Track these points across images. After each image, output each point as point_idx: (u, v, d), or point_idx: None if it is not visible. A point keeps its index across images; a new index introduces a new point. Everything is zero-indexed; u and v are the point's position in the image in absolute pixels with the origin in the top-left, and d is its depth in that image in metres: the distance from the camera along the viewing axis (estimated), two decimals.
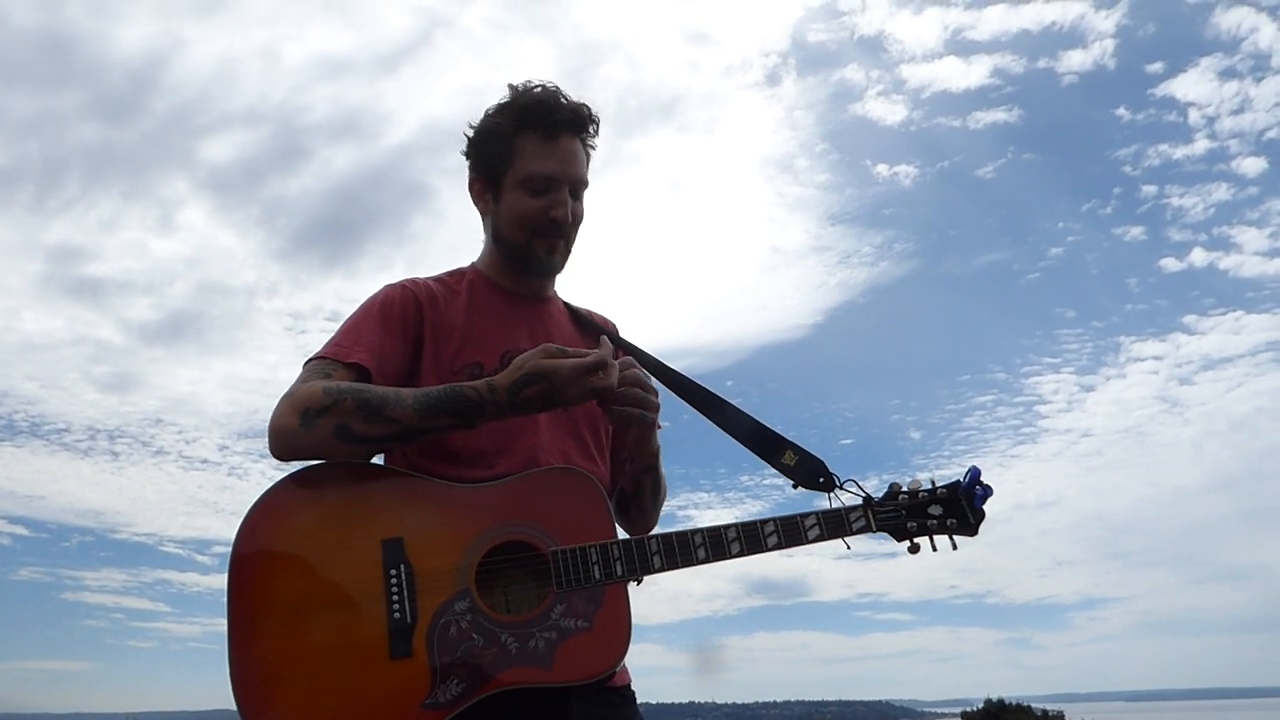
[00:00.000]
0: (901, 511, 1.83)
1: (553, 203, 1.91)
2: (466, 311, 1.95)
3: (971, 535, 1.87)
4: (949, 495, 1.85)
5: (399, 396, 1.70)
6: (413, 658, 1.60)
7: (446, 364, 1.89)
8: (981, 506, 1.87)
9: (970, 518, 1.86)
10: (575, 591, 1.67)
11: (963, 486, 1.85)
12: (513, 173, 1.92)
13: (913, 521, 1.83)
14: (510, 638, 1.62)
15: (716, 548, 1.75)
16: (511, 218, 1.94)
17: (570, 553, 1.69)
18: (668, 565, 1.72)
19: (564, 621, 1.64)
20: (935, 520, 1.84)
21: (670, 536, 1.75)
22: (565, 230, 1.95)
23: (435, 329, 1.91)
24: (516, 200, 1.92)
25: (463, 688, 1.58)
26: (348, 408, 1.66)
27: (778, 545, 1.76)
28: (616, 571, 1.69)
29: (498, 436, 1.84)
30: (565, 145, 1.92)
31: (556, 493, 1.76)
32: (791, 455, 1.93)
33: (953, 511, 1.85)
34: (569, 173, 1.92)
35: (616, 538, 1.73)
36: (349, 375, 1.78)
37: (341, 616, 1.62)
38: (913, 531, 1.83)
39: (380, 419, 1.67)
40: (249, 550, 1.65)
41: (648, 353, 2.11)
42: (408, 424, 1.68)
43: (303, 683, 1.57)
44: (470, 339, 1.92)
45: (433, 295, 1.95)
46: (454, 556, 1.66)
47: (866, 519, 1.82)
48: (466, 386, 1.70)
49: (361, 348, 1.82)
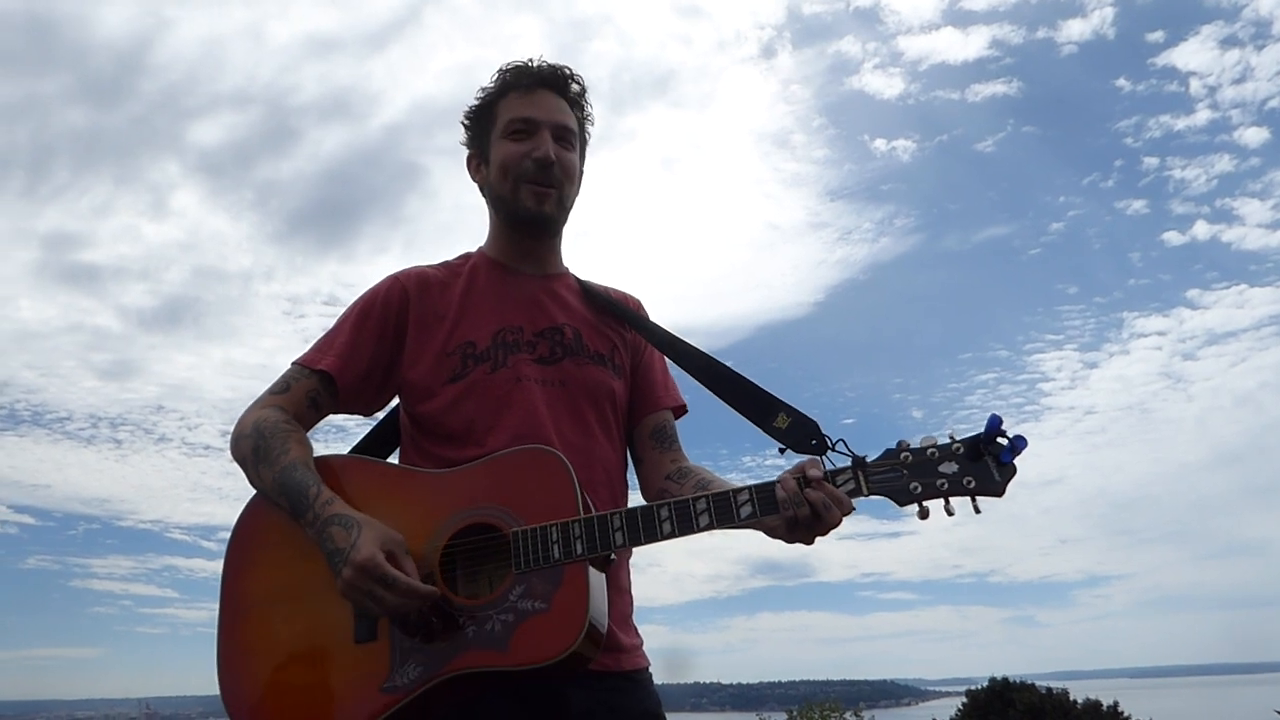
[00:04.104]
0: (903, 471, 1.61)
1: (534, 145, 1.91)
2: (464, 293, 1.97)
3: (998, 496, 1.60)
4: (968, 450, 1.60)
5: (281, 461, 1.76)
6: (376, 641, 1.63)
7: (439, 347, 1.91)
8: (1010, 461, 1.60)
9: (996, 474, 1.59)
10: (535, 572, 1.61)
11: (983, 439, 1.59)
12: (496, 128, 1.97)
13: (917, 482, 1.60)
14: (468, 621, 1.60)
15: (684, 521, 1.62)
16: (498, 169, 1.96)
17: (530, 533, 1.64)
18: (630, 541, 1.63)
19: (521, 603, 1.60)
20: (946, 480, 1.60)
21: (635, 512, 1.65)
22: (553, 175, 1.93)
23: (422, 316, 1.93)
24: (501, 150, 1.95)
25: (420, 671, 1.59)
26: (249, 461, 1.80)
27: (751, 516, 1.61)
28: (576, 550, 1.62)
29: (488, 414, 1.84)
30: (543, 95, 1.97)
31: (525, 473, 1.72)
32: (784, 418, 1.77)
33: (972, 469, 1.60)
34: (549, 117, 1.95)
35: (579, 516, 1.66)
36: (314, 383, 1.90)
37: (313, 604, 1.69)
38: (917, 494, 1.59)
39: (257, 476, 1.80)
40: (233, 544, 1.79)
41: (668, 330, 2.05)
42: (266, 489, 1.79)
43: (275, 668, 1.67)
44: (464, 319, 1.93)
45: (424, 282, 1.97)
46: (421, 541, 1.67)
47: (857, 482, 1.61)
48: (313, 488, 1.72)
49: (333, 353, 1.91)
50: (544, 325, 1.95)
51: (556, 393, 1.89)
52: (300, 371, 1.91)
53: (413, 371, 1.90)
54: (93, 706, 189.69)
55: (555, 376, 1.90)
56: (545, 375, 1.89)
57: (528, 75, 1.97)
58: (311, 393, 1.89)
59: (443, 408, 1.86)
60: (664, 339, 2.03)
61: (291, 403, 1.87)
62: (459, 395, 1.86)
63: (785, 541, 1.66)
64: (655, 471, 2.00)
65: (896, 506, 1.61)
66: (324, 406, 1.91)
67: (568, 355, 1.93)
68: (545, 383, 1.89)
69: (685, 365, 1.97)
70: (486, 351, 1.89)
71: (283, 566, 1.73)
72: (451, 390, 1.86)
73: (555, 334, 1.95)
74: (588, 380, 1.93)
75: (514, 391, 1.85)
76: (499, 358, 1.88)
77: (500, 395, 1.85)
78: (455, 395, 1.86)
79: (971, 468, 1.60)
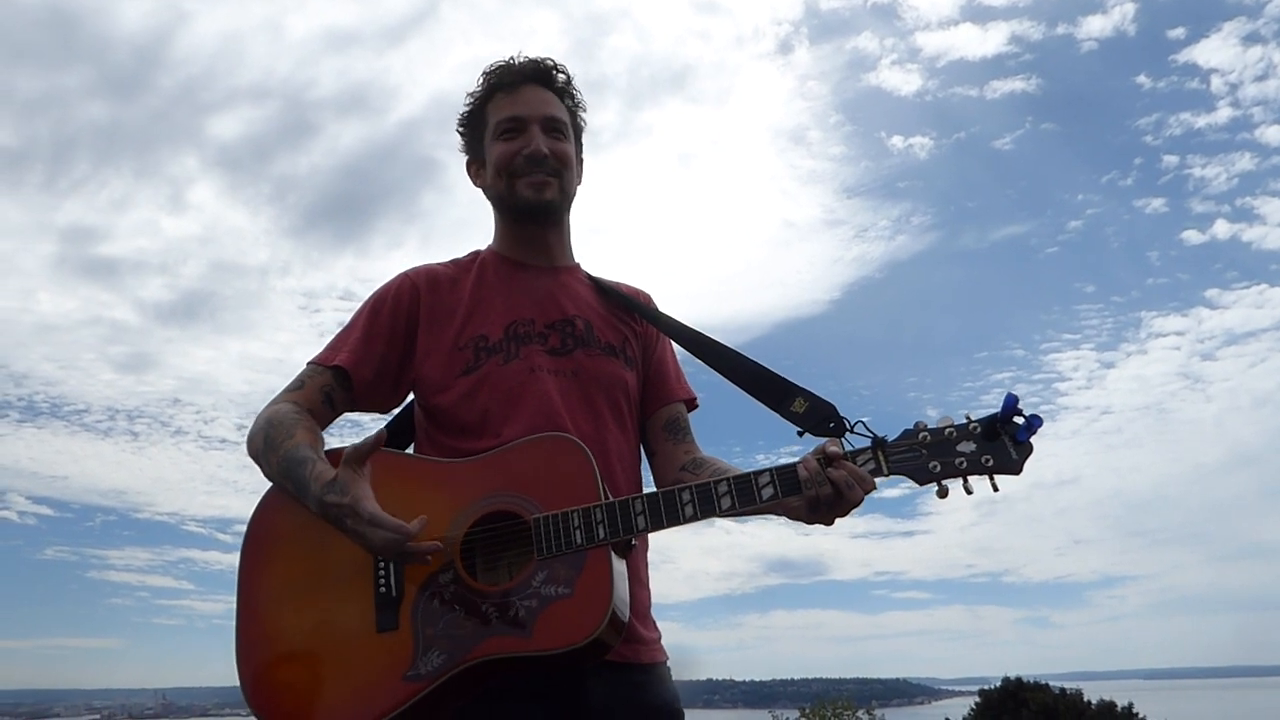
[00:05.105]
0: (922, 451, 1.63)
1: (525, 141, 1.95)
2: (474, 288, 1.98)
3: (1016, 474, 1.62)
4: (985, 430, 1.62)
5: (285, 446, 1.75)
6: (398, 630, 1.62)
7: (451, 341, 1.91)
8: (1027, 440, 1.62)
9: (1013, 453, 1.62)
10: (558, 558, 1.61)
11: (1000, 418, 1.61)
12: (488, 131, 2.00)
13: (936, 462, 1.62)
14: (491, 607, 1.60)
15: (705, 503, 1.63)
16: (493, 170, 1.99)
17: (552, 519, 1.64)
18: (653, 525, 1.63)
19: (545, 589, 1.60)
20: (965, 459, 1.61)
21: (656, 495, 1.65)
22: (547, 164, 1.95)
23: (433, 312, 1.94)
24: (494, 151, 1.99)
25: (443, 659, 1.58)
26: (261, 453, 1.80)
27: (773, 497, 1.62)
28: (599, 535, 1.62)
29: (502, 405, 1.84)
30: (528, 91, 2.00)
31: (545, 460, 1.72)
32: (801, 402, 1.78)
33: (989, 448, 1.62)
34: (535, 111, 1.98)
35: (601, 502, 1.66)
36: (328, 379, 1.91)
37: (333, 594, 1.68)
38: (936, 473, 1.61)
39: (267, 464, 1.79)
40: (249, 539, 1.78)
41: (681, 322, 2.05)
42: (274, 475, 1.78)
43: (297, 661, 1.66)
44: (475, 313, 1.94)
45: (434, 279, 1.98)
46: (440, 530, 1.66)
47: (877, 462, 1.63)
48: (310, 463, 1.69)
49: (346, 349, 1.92)
50: (555, 317, 1.96)
51: (569, 383, 1.90)
52: (314, 369, 1.92)
53: (425, 366, 1.91)
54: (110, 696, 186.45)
55: (567, 367, 1.91)
56: (558, 366, 1.90)
57: (511, 74, 2.00)
58: (326, 388, 1.89)
59: (456, 400, 1.87)
60: (678, 330, 2.04)
61: (306, 398, 1.87)
62: (472, 387, 1.86)
63: (805, 522, 1.67)
64: (669, 463, 2.00)
65: (916, 485, 1.63)
66: (339, 403, 1.90)
67: (579, 346, 1.94)
68: (558, 373, 1.89)
69: (701, 354, 1.98)
70: (499, 344, 1.90)
71: (299, 560, 1.72)
72: (465, 383, 1.87)
73: (566, 325, 1.95)
74: (599, 371, 1.94)
75: (527, 382, 1.86)
76: (511, 350, 1.89)
77: (514, 386, 1.85)
78: (469, 388, 1.86)
79: (989, 446, 1.62)
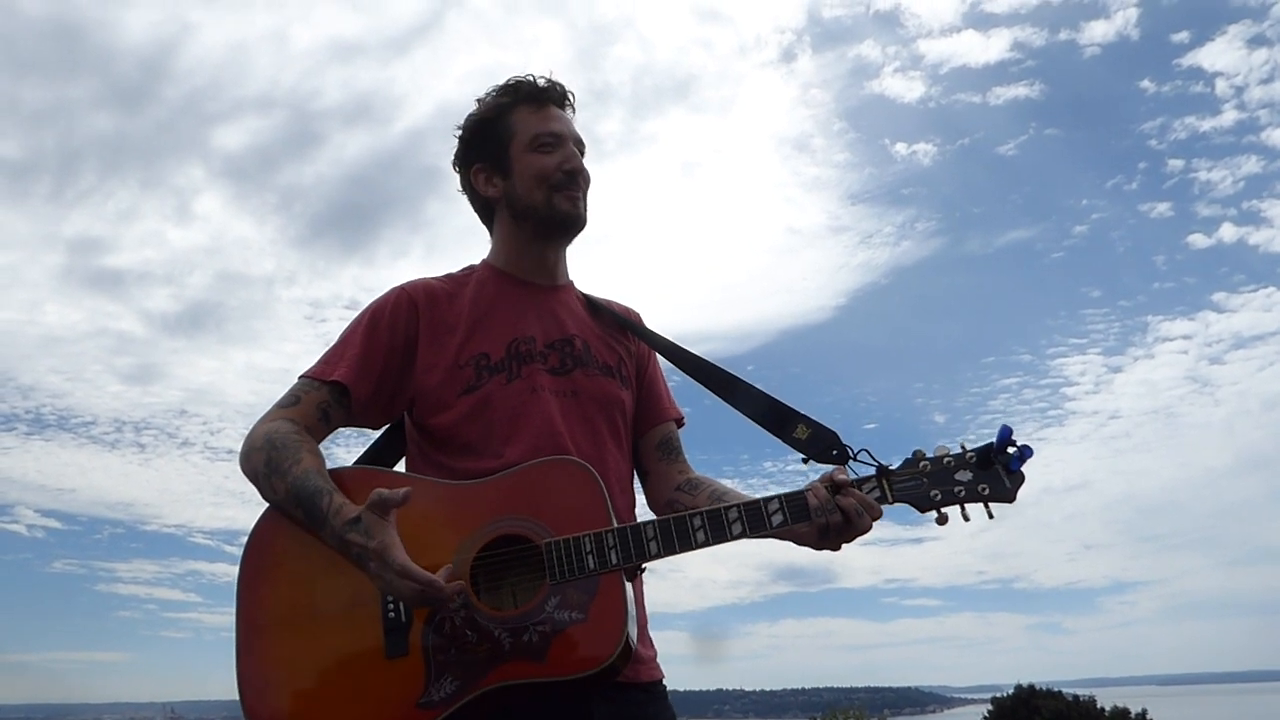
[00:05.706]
0: (923, 479, 1.69)
1: (564, 156, 1.98)
2: (473, 304, 1.96)
3: (1009, 502, 1.70)
4: (979, 459, 1.70)
5: (294, 471, 1.71)
6: (408, 656, 1.60)
7: (451, 358, 1.89)
8: (1019, 469, 1.70)
9: (1006, 482, 1.69)
10: (570, 583, 1.62)
11: (994, 448, 1.69)
12: (517, 142, 2.00)
13: (937, 490, 1.68)
14: (504, 632, 1.60)
15: (716, 529, 1.66)
16: (530, 179, 1.97)
17: (564, 544, 1.65)
18: (665, 551, 1.66)
19: (558, 614, 1.60)
20: (963, 487, 1.69)
21: (668, 521, 1.67)
22: (581, 181, 2.00)
23: (433, 327, 1.92)
24: (530, 162, 1.97)
25: (457, 685, 1.57)
26: (261, 474, 1.75)
27: (782, 523, 1.66)
28: (611, 560, 1.63)
29: (505, 425, 1.83)
30: (556, 111, 2.04)
31: (553, 484, 1.73)
32: (804, 429, 1.83)
33: (985, 477, 1.69)
34: (570, 131, 2.04)
35: (613, 526, 1.68)
36: (325, 395, 1.86)
37: (341, 619, 1.65)
38: (937, 501, 1.68)
39: (270, 488, 1.74)
40: (248, 559, 1.72)
41: (670, 340, 2.08)
42: (279, 500, 1.74)
43: (304, 687, 1.62)
44: (476, 330, 1.92)
45: (432, 294, 1.96)
46: (449, 554, 1.65)
47: (882, 490, 1.69)
48: (326, 495, 1.67)
49: (345, 365, 1.87)
50: (555, 336, 1.96)
51: (569, 404, 1.90)
52: (309, 384, 1.87)
53: (425, 383, 1.89)
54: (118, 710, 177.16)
55: (568, 387, 1.91)
56: (558, 386, 1.90)
57: (537, 89, 2.02)
58: (323, 405, 1.85)
59: (457, 419, 1.85)
60: (676, 353, 2.06)
61: (302, 415, 1.83)
62: (475, 407, 1.85)
63: (814, 549, 1.72)
64: (663, 483, 2.03)
65: (918, 513, 1.69)
66: (335, 419, 1.87)
67: (578, 366, 1.95)
68: (559, 394, 1.89)
69: (699, 378, 2.00)
70: (501, 363, 1.89)
71: (303, 582, 1.68)
72: (466, 402, 1.85)
73: (566, 345, 1.96)
74: (598, 391, 1.95)
75: (530, 402, 1.86)
76: (514, 369, 1.89)
77: (516, 406, 1.85)
78: (470, 407, 1.85)
79: (984, 475, 1.69)
